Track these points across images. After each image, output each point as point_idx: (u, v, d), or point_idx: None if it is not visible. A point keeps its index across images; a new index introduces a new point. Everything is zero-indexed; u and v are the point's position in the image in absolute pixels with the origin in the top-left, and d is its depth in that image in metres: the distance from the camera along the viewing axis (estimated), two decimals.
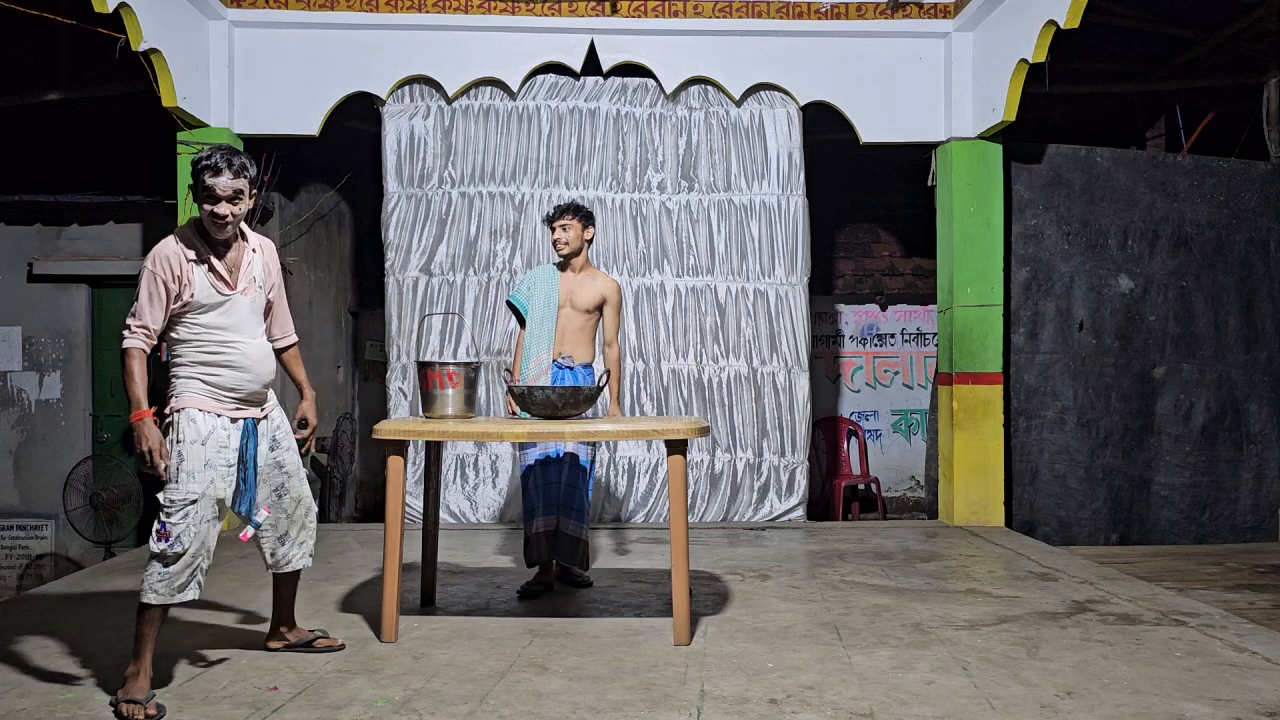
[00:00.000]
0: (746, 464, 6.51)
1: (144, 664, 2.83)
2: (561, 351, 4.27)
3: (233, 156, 2.92)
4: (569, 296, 4.30)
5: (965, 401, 6.25)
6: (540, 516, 4.18)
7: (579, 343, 4.30)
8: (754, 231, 6.51)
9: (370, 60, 6.28)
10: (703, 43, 6.38)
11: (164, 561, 2.84)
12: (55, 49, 7.37)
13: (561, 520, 4.18)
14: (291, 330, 3.33)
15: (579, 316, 4.30)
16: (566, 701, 2.84)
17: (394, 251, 6.45)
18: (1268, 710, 2.75)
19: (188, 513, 2.86)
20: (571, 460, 4.20)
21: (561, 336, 4.28)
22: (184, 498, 2.87)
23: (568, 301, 4.30)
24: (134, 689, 2.79)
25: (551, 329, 4.26)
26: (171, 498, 2.87)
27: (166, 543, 2.84)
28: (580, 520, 4.19)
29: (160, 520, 2.87)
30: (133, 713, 2.71)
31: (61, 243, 7.53)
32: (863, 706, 2.78)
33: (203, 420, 2.94)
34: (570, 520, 4.18)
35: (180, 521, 2.85)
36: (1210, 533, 6.76)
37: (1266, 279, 6.93)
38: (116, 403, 7.67)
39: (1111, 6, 7.15)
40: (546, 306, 4.28)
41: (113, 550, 7.04)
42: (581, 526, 4.20)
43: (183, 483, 2.88)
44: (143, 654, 2.84)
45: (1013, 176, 6.46)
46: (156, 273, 2.89)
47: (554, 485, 4.19)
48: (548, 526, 4.18)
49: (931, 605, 4.02)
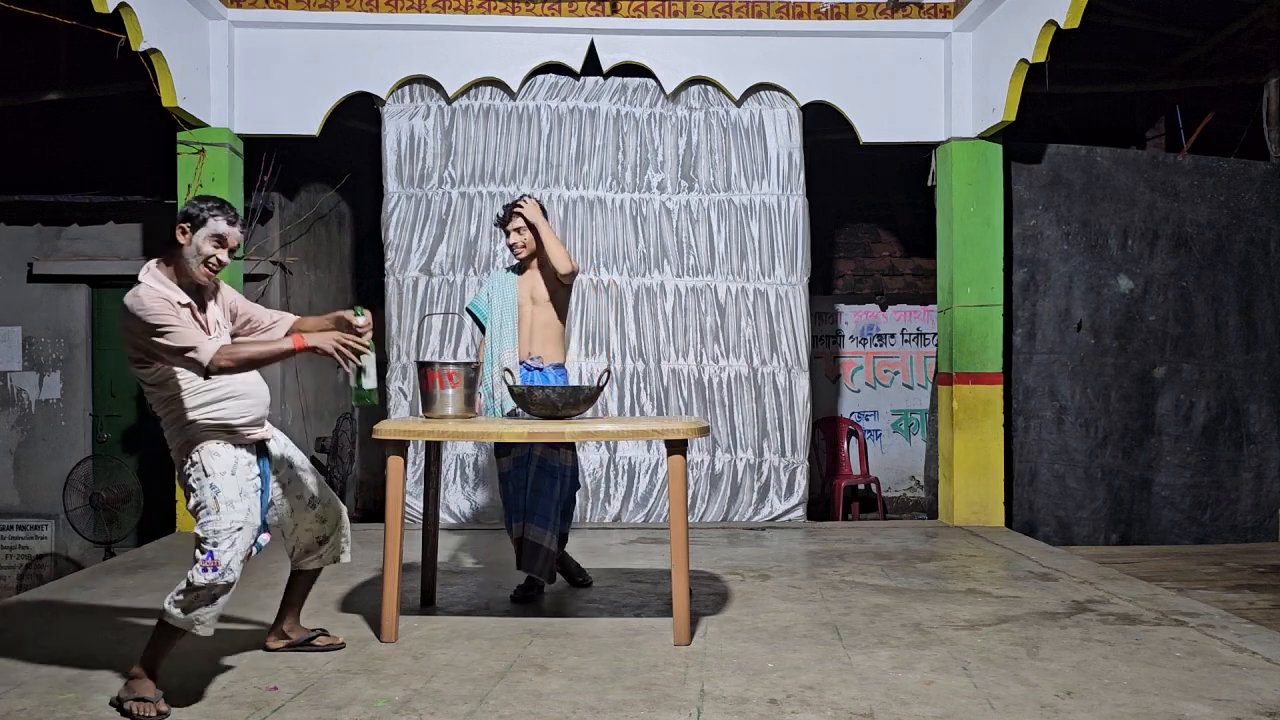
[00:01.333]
0: (746, 464, 6.51)
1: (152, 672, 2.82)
2: (531, 352, 4.18)
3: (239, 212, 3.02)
4: (529, 293, 4.21)
5: (965, 401, 6.25)
6: (515, 523, 4.13)
7: (547, 341, 4.21)
8: (754, 231, 6.52)
9: (370, 60, 6.28)
10: (703, 43, 6.38)
11: (211, 592, 2.78)
12: (55, 49, 7.37)
13: (527, 527, 4.09)
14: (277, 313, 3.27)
15: (543, 311, 4.20)
16: (566, 701, 2.84)
17: (394, 251, 6.45)
18: (1268, 710, 2.75)
19: (234, 540, 2.82)
20: (539, 465, 4.09)
21: (530, 336, 4.19)
22: (229, 526, 2.83)
23: (528, 299, 4.21)
24: (141, 688, 2.77)
25: (514, 330, 4.18)
26: (216, 528, 2.82)
27: (216, 573, 2.78)
28: (543, 527, 4.06)
29: (206, 551, 2.79)
30: (144, 710, 2.70)
31: (61, 243, 7.53)
32: (863, 706, 2.79)
33: (225, 452, 2.93)
34: (533, 527, 4.07)
35: (229, 550, 2.81)
36: (1210, 533, 6.76)
37: (1266, 279, 6.93)
38: (117, 403, 7.67)
39: (1111, 6, 7.15)
40: (505, 309, 4.20)
41: (113, 550, 7.04)
42: (543, 533, 4.05)
43: (224, 512, 2.84)
44: (155, 666, 2.83)
45: (1013, 176, 6.46)
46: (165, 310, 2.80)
47: (522, 491, 4.11)
48: (518, 534, 4.12)
49: (931, 605, 4.02)
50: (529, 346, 4.19)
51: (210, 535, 2.82)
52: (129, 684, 2.81)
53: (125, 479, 7.26)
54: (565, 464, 4.14)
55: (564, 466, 4.14)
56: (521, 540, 4.10)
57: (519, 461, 4.12)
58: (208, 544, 2.81)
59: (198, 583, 2.77)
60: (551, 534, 4.08)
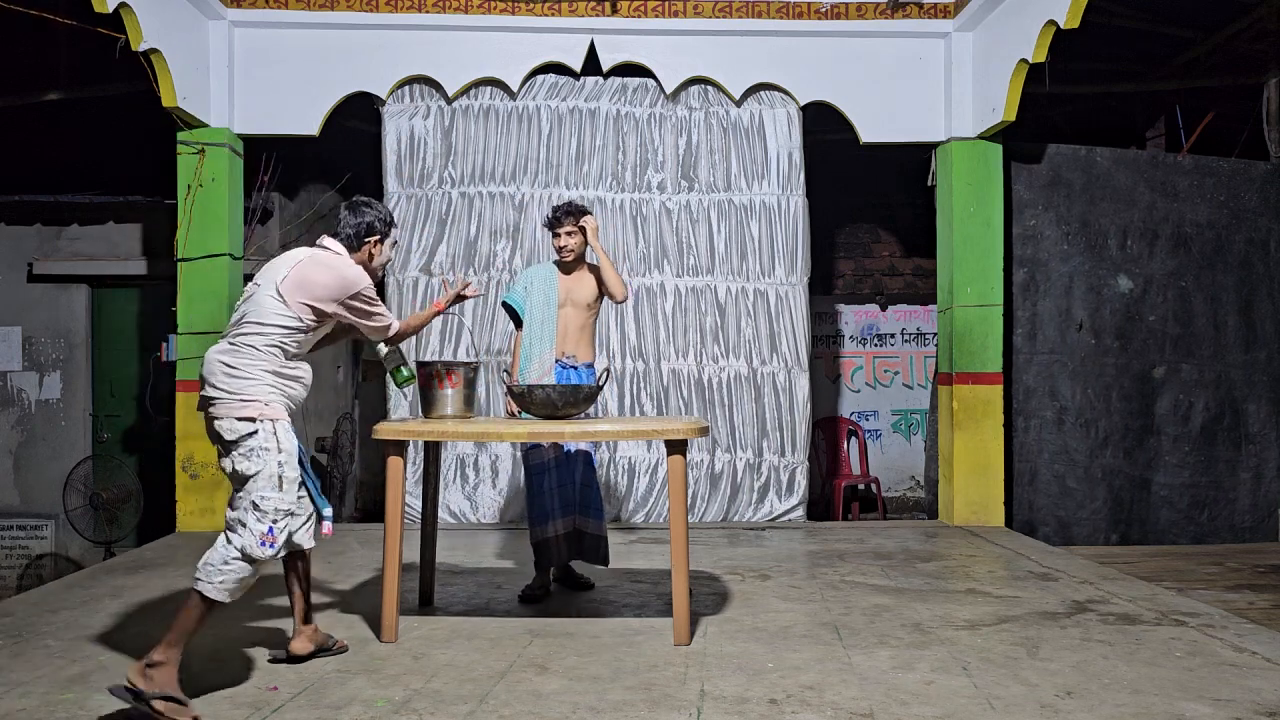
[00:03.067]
0: (746, 464, 6.51)
1: (176, 654, 2.74)
2: (565, 351, 4.26)
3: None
4: (568, 295, 4.28)
5: (965, 401, 6.25)
6: (559, 519, 4.14)
7: (581, 342, 4.30)
8: (754, 231, 6.52)
9: (370, 60, 6.28)
10: (703, 43, 6.38)
11: (255, 566, 2.84)
12: (55, 49, 7.37)
13: (580, 520, 4.19)
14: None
15: (580, 314, 4.29)
16: (566, 701, 2.84)
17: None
18: (1268, 710, 2.75)
19: (286, 523, 2.90)
20: (585, 459, 4.21)
21: (564, 336, 4.27)
22: (287, 508, 2.91)
23: (567, 300, 4.28)
24: (169, 682, 2.68)
25: (553, 329, 4.25)
26: (278, 506, 2.88)
27: (272, 549, 2.85)
28: (600, 518, 4.24)
29: (267, 525, 2.85)
30: (178, 714, 2.64)
31: (61, 243, 7.53)
32: (863, 706, 2.79)
33: (294, 434, 3.00)
34: (590, 519, 4.21)
35: (283, 530, 2.89)
36: (1209, 533, 6.76)
37: (1266, 279, 6.93)
38: (117, 403, 7.67)
39: (1111, 6, 7.15)
40: (546, 306, 4.26)
41: (113, 550, 7.04)
42: (601, 524, 4.24)
43: (287, 492, 2.91)
44: (180, 644, 2.75)
45: (1013, 176, 6.46)
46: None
47: (569, 486, 4.17)
48: (567, 528, 4.16)
49: (931, 605, 4.02)
50: (563, 346, 4.27)
51: (273, 511, 2.87)
52: (151, 673, 2.68)
53: (125, 479, 7.26)
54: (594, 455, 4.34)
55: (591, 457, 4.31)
56: (577, 535, 4.19)
57: (561, 460, 4.17)
58: (268, 519, 2.85)
59: (254, 554, 2.82)
60: (605, 522, 4.29)
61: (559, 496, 4.15)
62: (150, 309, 7.53)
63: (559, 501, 4.15)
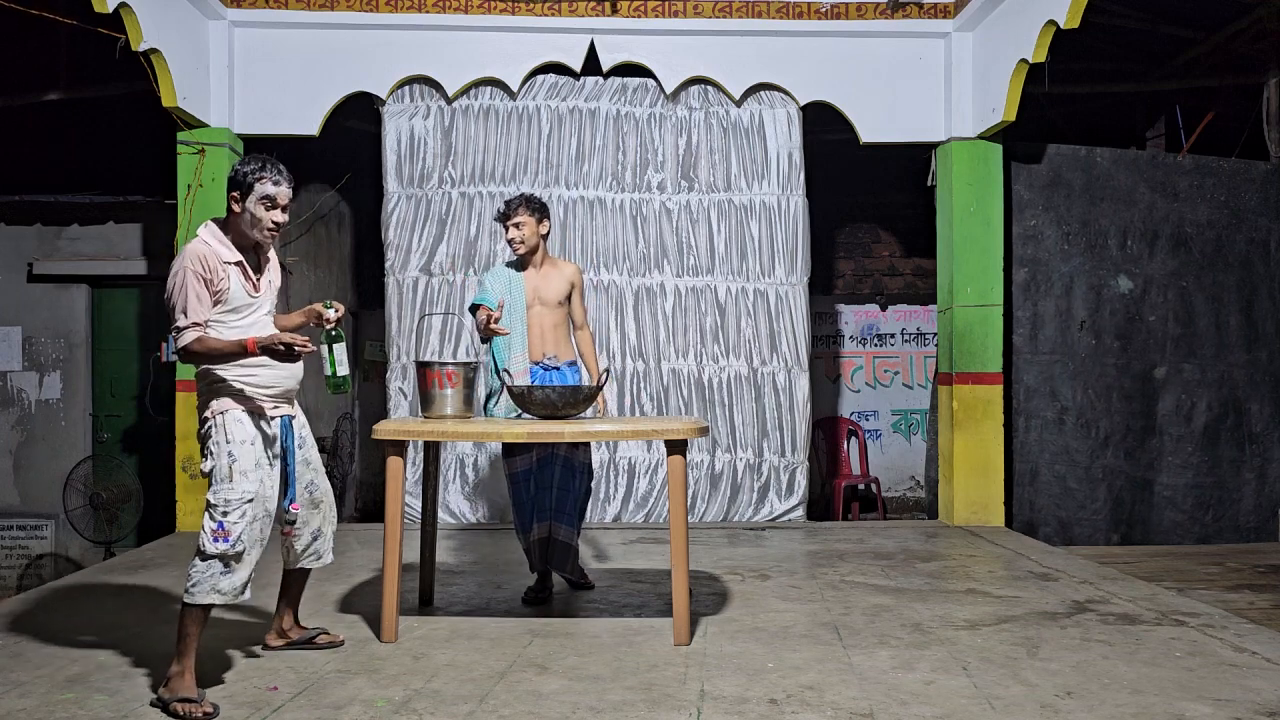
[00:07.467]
0: (746, 464, 6.50)
1: (189, 663, 2.81)
2: (545, 352, 4.15)
3: (283, 167, 2.96)
4: (536, 294, 4.14)
5: (965, 401, 6.24)
6: (536, 524, 4.10)
7: (559, 341, 4.18)
8: (754, 231, 6.51)
9: (370, 60, 6.28)
10: (703, 43, 6.38)
11: (225, 562, 2.82)
12: (55, 49, 7.36)
13: (553, 526, 4.10)
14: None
15: (552, 313, 4.16)
16: (566, 701, 2.84)
17: (394, 251, 6.45)
18: (1268, 710, 2.74)
19: (245, 511, 2.86)
20: (564, 464, 4.10)
21: (541, 337, 4.14)
22: (240, 496, 2.86)
23: (536, 300, 4.14)
24: (182, 686, 2.76)
25: (524, 330, 4.10)
26: (227, 497, 2.85)
27: (227, 543, 2.82)
28: (570, 525, 4.10)
29: (216, 521, 2.83)
30: (190, 711, 2.69)
31: (61, 243, 7.53)
32: (863, 706, 2.78)
33: (248, 421, 2.94)
34: (561, 526, 4.09)
35: (239, 521, 2.85)
36: (1213, 533, 6.75)
37: (1266, 279, 6.93)
38: (117, 403, 7.67)
39: (1111, 6, 7.14)
40: (513, 310, 4.08)
41: (113, 550, 7.04)
42: (572, 531, 4.12)
43: (237, 482, 2.87)
44: (188, 653, 2.81)
45: (1012, 176, 6.46)
46: (197, 271, 2.85)
47: (546, 491, 4.10)
48: (541, 534, 4.10)
49: (931, 605, 4.02)
50: (542, 347, 4.15)
51: (221, 504, 2.84)
52: (169, 683, 2.79)
53: (125, 479, 7.26)
54: (585, 461, 4.17)
55: (584, 464, 4.16)
56: (549, 540, 4.10)
57: (544, 461, 4.10)
58: (218, 512, 2.84)
59: (209, 551, 2.81)
60: (578, 532, 4.14)
61: (537, 500, 4.10)
62: (150, 309, 7.54)
63: (535, 506, 4.10)
